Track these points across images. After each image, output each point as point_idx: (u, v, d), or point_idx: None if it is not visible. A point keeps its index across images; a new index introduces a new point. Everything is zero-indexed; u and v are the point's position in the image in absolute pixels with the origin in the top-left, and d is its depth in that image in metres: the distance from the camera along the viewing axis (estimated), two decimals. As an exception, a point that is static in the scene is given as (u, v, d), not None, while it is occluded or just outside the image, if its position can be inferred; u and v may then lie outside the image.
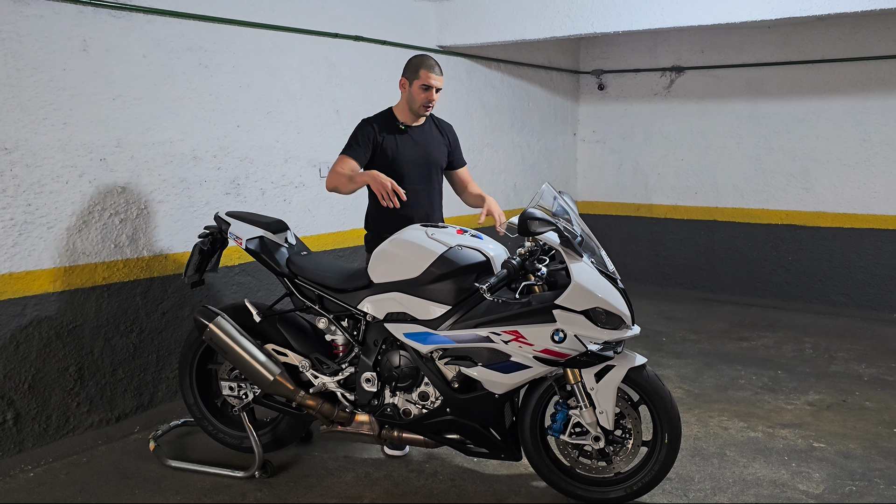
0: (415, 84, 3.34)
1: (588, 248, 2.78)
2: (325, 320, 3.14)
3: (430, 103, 3.37)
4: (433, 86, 3.33)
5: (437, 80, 3.34)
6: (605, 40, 6.89)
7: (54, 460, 3.37)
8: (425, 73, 3.31)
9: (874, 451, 3.45)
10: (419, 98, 3.35)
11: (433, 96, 3.36)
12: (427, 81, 3.32)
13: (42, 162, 3.30)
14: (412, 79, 3.35)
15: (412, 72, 3.35)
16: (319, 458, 3.39)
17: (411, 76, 3.35)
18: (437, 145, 3.53)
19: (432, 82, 3.32)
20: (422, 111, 3.40)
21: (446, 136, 3.59)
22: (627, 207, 7.03)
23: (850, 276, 6.01)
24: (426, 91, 3.33)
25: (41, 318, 3.37)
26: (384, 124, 3.41)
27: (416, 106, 3.37)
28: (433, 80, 3.32)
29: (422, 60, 3.36)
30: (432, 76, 3.32)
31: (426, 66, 3.33)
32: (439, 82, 3.35)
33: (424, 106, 3.37)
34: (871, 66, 5.71)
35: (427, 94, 3.34)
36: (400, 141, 3.40)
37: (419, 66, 3.34)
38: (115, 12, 3.50)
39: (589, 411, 2.82)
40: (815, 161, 6.05)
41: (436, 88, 3.35)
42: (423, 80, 3.32)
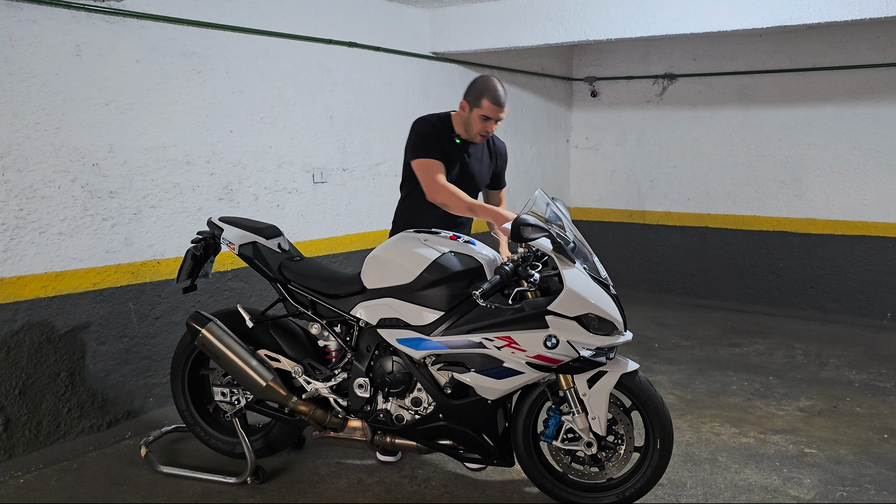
0: (475, 112, 3.14)
1: (581, 254, 2.79)
2: (317, 326, 3.13)
3: (488, 134, 3.21)
4: (495, 118, 3.14)
5: (501, 113, 3.13)
6: (598, 47, 6.92)
7: (45, 466, 3.35)
8: (488, 106, 3.10)
9: (865, 456, 3.46)
10: (476, 126, 3.17)
11: (492, 128, 3.18)
12: (488, 114, 3.12)
13: (34, 167, 3.29)
14: (473, 105, 3.14)
15: (474, 98, 3.13)
16: (312, 463, 3.38)
17: (473, 102, 3.14)
18: (486, 166, 3.39)
19: (494, 115, 3.12)
20: (477, 139, 3.24)
21: (496, 160, 3.44)
22: (620, 214, 7.05)
23: (841, 282, 6.04)
24: (485, 122, 3.15)
25: (32, 324, 3.36)
26: (441, 130, 3.25)
27: (472, 133, 3.21)
28: (496, 112, 3.12)
29: (486, 88, 3.10)
30: (496, 109, 3.10)
31: (490, 97, 3.09)
32: (502, 113, 3.14)
33: (481, 135, 3.21)
34: (862, 75, 5.76)
35: (486, 125, 3.16)
36: (451, 152, 3.24)
37: (482, 94, 3.10)
38: (109, 17, 3.50)
39: (581, 417, 2.82)
40: (806, 168, 6.09)
41: (496, 120, 3.16)
42: (484, 110, 3.11)
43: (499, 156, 3.47)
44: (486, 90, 3.11)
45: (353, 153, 4.87)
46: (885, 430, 3.78)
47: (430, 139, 3.20)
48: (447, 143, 3.25)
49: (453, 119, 3.29)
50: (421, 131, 3.24)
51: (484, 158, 3.39)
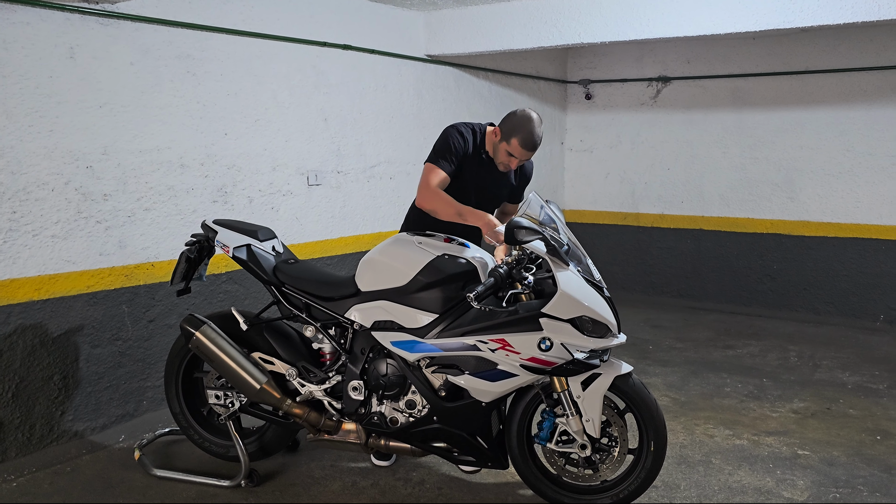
0: (503, 144, 3.12)
1: (575, 256, 2.79)
2: (312, 328, 3.13)
3: (509, 168, 3.21)
4: (520, 158, 3.13)
5: (528, 155, 3.12)
6: (592, 50, 6.94)
7: (38, 470, 3.33)
8: (517, 147, 3.08)
9: (858, 458, 3.48)
10: (501, 157, 3.16)
11: (515, 165, 3.18)
12: (515, 153, 3.11)
13: (27, 169, 3.28)
14: (503, 138, 3.11)
15: (507, 132, 3.09)
16: (306, 466, 3.38)
17: (505, 136, 3.10)
18: (509, 185, 3.40)
19: (522, 157, 3.11)
20: (500, 168, 3.23)
21: (520, 180, 3.44)
22: (614, 216, 7.07)
23: (834, 284, 6.07)
24: (510, 157, 3.14)
25: (25, 327, 3.35)
26: (472, 143, 3.22)
27: (497, 160, 3.20)
28: (524, 154, 3.11)
29: (521, 127, 3.05)
30: (525, 152, 3.09)
31: (522, 139, 3.05)
32: (530, 156, 3.14)
33: (504, 166, 3.20)
34: (854, 78, 5.79)
35: (510, 161, 3.15)
36: (477, 167, 3.24)
37: (515, 132, 3.06)
38: (103, 20, 3.50)
39: (575, 419, 2.83)
40: (799, 171, 6.12)
41: (521, 160, 3.15)
42: (512, 149, 3.10)
43: (524, 177, 3.47)
44: (521, 130, 3.06)
45: (347, 156, 4.87)
46: (878, 431, 3.80)
47: (453, 149, 3.17)
48: (474, 156, 3.24)
49: (487, 134, 3.26)
50: (450, 141, 3.19)
51: (510, 178, 3.39)
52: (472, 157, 3.24)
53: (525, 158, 3.15)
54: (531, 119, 3.08)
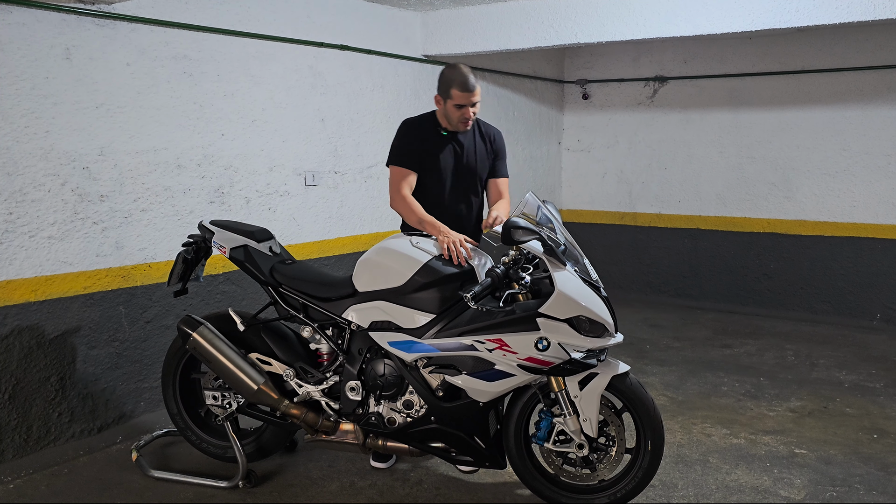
0: (448, 102, 3.15)
1: (571, 256, 2.80)
2: (309, 329, 3.13)
3: (468, 120, 3.20)
4: (467, 104, 3.13)
5: (473, 97, 3.11)
6: (589, 50, 6.95)
7: (35, 471, 3.33)
8: (457, 93, 3.10)
9: (854, 457, 3.48)
10: (454, 116, 3.18)
11: (469, 113, 3.16)
12: (460, 101, 3.12)
13: (24, 170, 3.28)
14: (445, 97, 3.16)
15: (444, 89, 3.14)
16: (304, 467, 3.38)
17: (443, 94, 3.16)
18: (481, 151, 3.35)
19: (466, 101, 3.11)
20: (460, 128, 3.23)
21: (490, 144, 3.39)
22: (612, 216, 7.07)
23: (830, 283, 6.08)
24: (460, 109, 3.15)
25: (22, 328, 3.34)
26: (425, 129, 3.26)
27: (454, 123, 3.21)
28: (467, 98, 3.10)
29: (453, 78, 3.11)
30: (466, 94, 3.09)
31: (458, 84, 3.09)
32: (475, 97, 3.12)
33: (462, 123, 3.20)
34: (850, 77, 5.80)
35: (462, 112, 3.15)
36: (441, 147, 3.26)
37: (450, 83, 3.11)
38: (99, 20, 3.50)
39: (573, 419, 2.83)
40: (795, 170, 6.12)
41: (471, 104, 3.15)
42: (455, 99, 3.12)
43: (492, 139, 3.41)
44: (454, 79, 3.11)
45: (344, 156, 4.87)
46: (875, 430, 3.80)
47: (406, 143, 3.24)
48: (433, 139, 3.26)
49: (437, 114, 3.30)
50: (400, 135, 3.29)
51: (477, 145, 3.36)
52: (432, 141, 3.26)
53: (470, 102, 3.13)
54: (457, 67, 3.16)
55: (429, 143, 3.26)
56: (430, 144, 3.26)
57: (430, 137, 3.26)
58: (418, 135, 3.26)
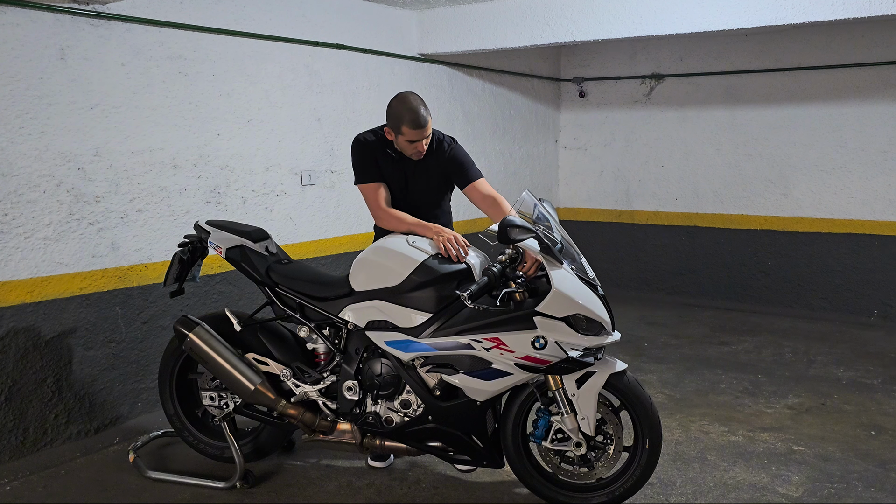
0: (399, 139, 3.06)
1: (568, 254, 2.79)
2: (306, 329, 3.13)
3: (421, 152, 3.10)
4: (419, 139, 3.03)
5: (425, 132, 3.01)
6: (585, 48, 6.94)
7: (32, 473, 3.32)
8: (408, 130, 2.99)
9: (852, 453, 3.49)
10: (407, 149, 3.08)
11: (422, 147, 3.07)
12: (411, 138, 3.02)
13: (19, 171, 3.27)
14: (396, 132, 3.05)
15: (394, 125, 3.03)
16: (301, 467, 3.37)
17: (394, 128, 3.04)
18: (432, 172, 3.23)
19: (418, 137, 3.01)
20: (415, 158, 3.14)
21: (443, 157, 3.21)
22: (609, 214, 7.07)
23: (828, 280, 6.08)
24: (414, 143, 3.05)
25: (18, 330, 3.33)
26: (377, 147, 3.17)
27: (407, 154, 3.11)
28: (419, 134, 3.01)
29: (402, 114, 2.98)
30: (417, 132, 2.99)
31: (409, 122, 2.97)
32: (426, 132, 3.02)
33: (416, 155, 3.11)
34: (846, 74, 5.80)
35: (414, 146, 3.06)
36: (390, 168, 3.19)
37: (400, 120, 2.98)
38: (93, 20, 3.48)
39: (570, 417, 2.83)
40: (792, 167, 6.13)
41: (424, 138, 3.04)
42: (406, 136, 3.02)
43: (444, 152, 3.22)
44: (403, 116, 2.98)
45: (341, 155, 4.85)
46: (873, 426, 3.81)
47: (365, 160, 3.17)
48: (383, 160, 3.18)
49: (386, 132, 3.15)
50: (355, 152, 3.21)
51: (429, 163, 3.22)
52: (383, 160, 3.18)
53: (423, 137, 3.03)
54: (406, 99, 3.02)
55: (382, 161, 3.18)
56: (383, 162, 3.19)
57: (380, 156, 3.18)
58: (372, 151, 3.18)
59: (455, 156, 3.24)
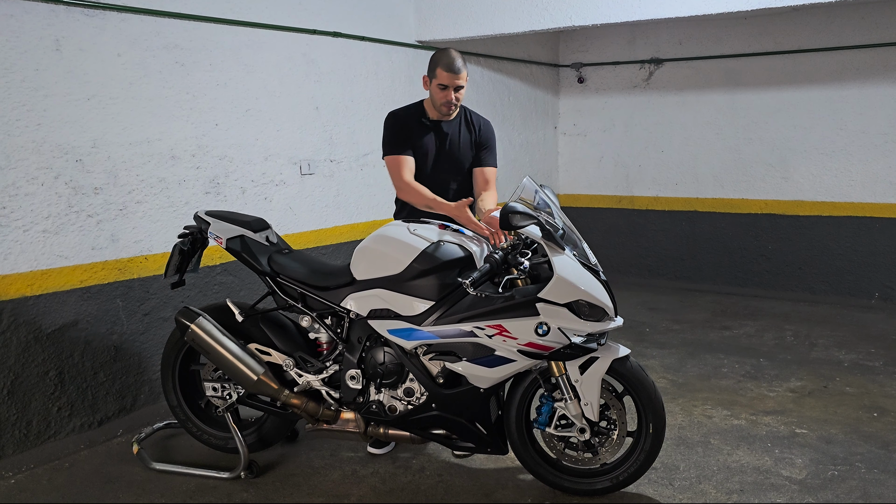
0: (433, 83, 3.16)
1: (570, 240, 2.78)
2: (308, 318, 3.12)
3: (450, 103, 3.18)
4: (451, 85, 3.13)
5: (457, 79, 3.11)
6: (583, 33, 6.90)
7: (36, 466, 3.32)
8: (442, 73, 3.10)
9: (855, 435, 3.49)
10: (438, 97, 3.18)
11: (451, 96, 3.16)
12: (444, 81, 3.11)
13: (16, 164, 3.25)
14: (431, 77, 3.17)
15: (431, 69, 3.17)
16: (305, 456, 3.37)
17: (430, 74, 3.18)
18: (465, 140, 3.34)
19: (450, 82, 3.11)
20: (444, 110, 3.22)
21: (475, 133, 3.37)
22: (609, 200, 7.06)
23: (829, 263, 6.07)
24: (444, 90, 3.15)
25: (19, 323, 3.32)
26: (410, 118, 3.28)
27: (437, 105, 3.21)
28: (451, 79, 3.11)
29: (440, 57, 3.13)
30: (450, 76, 3.10)
31: (444, 64, 3.10)
32: (459, 80, 3.12)
33: (446, 106, 3.19)
34: (847, 56, 5.77)
35: (445, 94, 3.15)
36: (423, 135, 3.27)
37: (437, 63, 3.13)
38: (88, 11, 3.45)
39: (574, 403, 2.83)
40: (792, 150, 6.11)
41: (455, 87, 3.14)
42: (440, 79, 3.12)
43: (478, 127, 3.39)
44: (440, 60, 3.14)
45: (340, 144, 4.83)
46: (875, 408, 3.81)
47: (397, 133, 3.26)
48: (417, 127, 3.28)
49: (425, 103, 3.33)
50: (387, 126, 3.31)
51: (462, 134, 3.35)
52: (417, 129, 3.28)
53: (454, 83, 3.14)
54: (447, 50, 3.21)
55: (412, 131, 3.28)
56: (413, 132, 3.28)
57: (414, 125, 3.29)
58: (404, 123, 3.28)
59: (487, 134, 3.42)
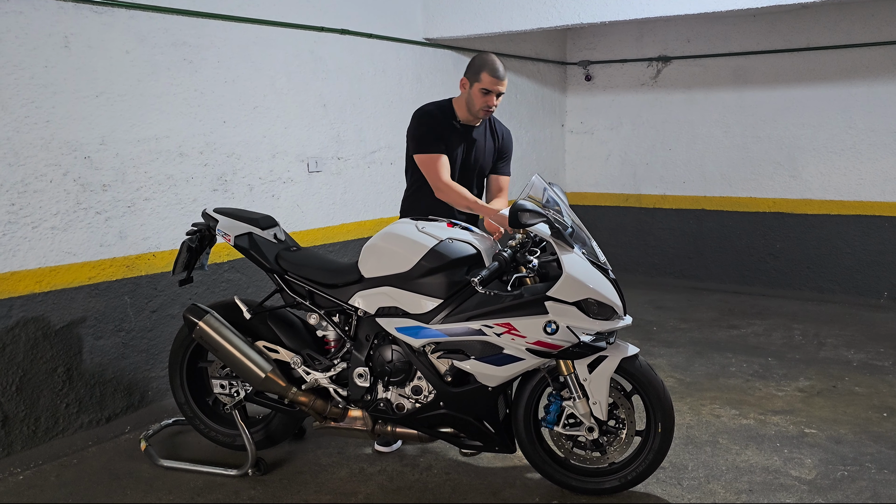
0: (475, 87, 3.16)
1: (579, 238, 2.77)
2: (315, 316, 3.12)
3: (490, 108, 3.21)
4: (494, 91, 3.16)
5: (500, 86, 3.15)
6: (591, 31, 6.88)
7: (44, 462, 3.33)
8: (487, 77, 3.12)
9: (865, 435, 3.47)
10: (478, 102, 3.18)
11: (493, 102, 3.18)
12: (488, 86, 3.13)
13: (25, 161, 3.25)
14: (473, 80, 3.17)
15: (474, 73, 3.16)
16: (313, 454, 3.37)
17: (472, 77, 3.17)
18: (489, 146, 3.39)
19: (493, 87, 3.14)
20: (480, 115, 3.24)
21: (498, 140, 3.42)
22: (616, 198, 7.04)
23: (837, 262, 6.05)
24: (486, 96, 3.16)
25: (28, 319, 3.33)
26: (441, 117, 3.27)
27: (474, 109, 3.21)
28: (495, 84, 3.13)
29: (484, 62, 3.15)
30: (495, 81, 3.12)
31: (489, 68, 3.12)
32: (502, 87, 3.15)
33: (483, 110, 3.21)
34: (856, 54, 5.74)
35: (487, 99, 3.17)
36: (453, 138, 3.27)
37: (481, 67, 3.14)
38: (97, 7, 3.46)
39: (582, 402, 2.82)
40: (801, 149, 6.08)
41: (497, 94, 3.17)
42: (483, 83, 3.13)
43: (500, 136, 3.45)
44: (485, 64, 3.15)
45: (347, 141, 4.83)
46: (885, 408, 3.79)
47: (431, 130, 3.23)
48: (447, 129, 3.27)
49: (454, 103, 3.31)
50: (421, 123, 3.27)
51: (487, 141, 3.39)
52: (449, 131, 3.27)
53: (497, 89, 3.16)
54: (489, 54, 3.22)
55: (445, 131, 3.26)
56: (445, 132, 3.26)
57: (445, 127, 3.27)
58: (439, 122, 3.26)
59: (508, 143, 3.49)
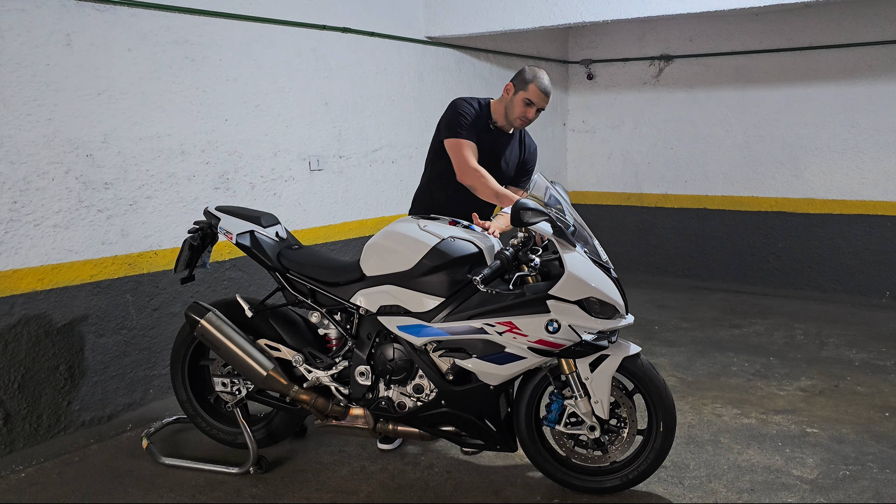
0: (520, 94, 3.20)
1: (581, 237, 2.77)
2: (317, 314, 3.12)
3: (527, 120, 3.25)
4: (538, 105, 3.21)
5: (544, 101, 3.22)
6: (593, 29, 6.87)
7: (46, 460, 3.33)
8: (534, 90, 3.17)
9: (867, 435, 3.47)
10: (517, 110, 3.22)
11: (532, 114, 3.23)
12: (533, 98, 3.18)
13: (27, 158, 3.26)
14: (519, 88, 3.21)
15: (522, 81, 3.20)
16: (314, 452, 3.37)
17: (519, 85, 3.21)
18: (515, 157, 3.41)
19: (539, 102, 3.20)
20: (517, 124, 3.27)
21: (524, 152, 3.44)
22: (618, 197, 7.03)
23: (839, 261, 6.04)
24: (527, 107, 3.21)
25: (30, 317, 3.33)
26: (479, 114, 3.28)
27: (512, 116, 3.24)
28: (541, 100, 3.20)
29: (536, 75, 3.20)
30: (542, 96, 3.19)
31: (538, 82, 3.18)
32: (545, 103, 3.23)
33: (521, 119, 3.24)
34: (859, 53, 5.73)
35: (527, 110, 3.21)
36: (484, 138, 3.26)
37: (532, 79, 3.18)
38: (99, 5, 3.46)
39: (584, 401, 2.82)
40: (803, 148, 6.07)
41: (538, 108, 3.22)
42: (529, 94, 3.18)
43: (528, 149, 3.46)
44: (536, 77, 3.19)
45: (349, 140, 4.83)
46: (887, 408, 3.79)
47: (467, 120, 3.23)
48: (482, 126, 3.27)
49: (492, 105, 3.32)
50: (460, 111, 3.25)
51: (514, 149, 3.40)
52: (481, 126, 3.26)
53: (541, 105, 3.21)
54: (542, 70, 3.26)
55: (479, 127, 3.25)
56: (479, 128, 3.25)
57: (481, 125, 3.27)
58: (475, 116, 3.26)
59: (533, 158, 3.50)
